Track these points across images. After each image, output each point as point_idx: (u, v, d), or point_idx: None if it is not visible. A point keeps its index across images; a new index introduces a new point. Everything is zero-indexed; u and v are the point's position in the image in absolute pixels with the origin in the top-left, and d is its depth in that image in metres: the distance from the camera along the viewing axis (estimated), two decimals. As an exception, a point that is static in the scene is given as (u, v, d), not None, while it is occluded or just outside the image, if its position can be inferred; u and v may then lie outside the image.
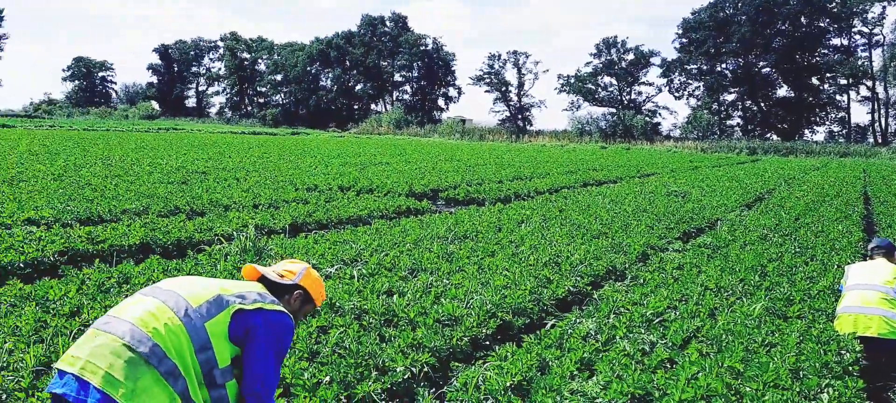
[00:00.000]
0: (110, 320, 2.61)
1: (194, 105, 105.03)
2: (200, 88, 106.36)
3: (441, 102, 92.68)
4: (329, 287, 6.43)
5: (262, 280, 3.14)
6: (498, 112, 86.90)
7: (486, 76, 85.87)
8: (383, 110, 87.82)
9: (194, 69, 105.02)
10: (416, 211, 13.47)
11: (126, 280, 6.52)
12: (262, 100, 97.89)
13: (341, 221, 11.46)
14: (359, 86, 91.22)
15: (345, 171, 20.26)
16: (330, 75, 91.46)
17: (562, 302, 6.88)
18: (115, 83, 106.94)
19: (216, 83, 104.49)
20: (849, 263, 8.53)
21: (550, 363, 4.69)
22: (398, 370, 4.47)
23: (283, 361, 2.98)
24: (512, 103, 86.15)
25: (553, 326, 5.79)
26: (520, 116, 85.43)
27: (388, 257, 8.03)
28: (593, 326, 5.66)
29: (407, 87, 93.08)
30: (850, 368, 4.89)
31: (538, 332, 5.35)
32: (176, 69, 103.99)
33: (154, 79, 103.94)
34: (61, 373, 2.51)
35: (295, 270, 3.17)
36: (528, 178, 21.33)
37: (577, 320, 5.92)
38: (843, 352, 5.10)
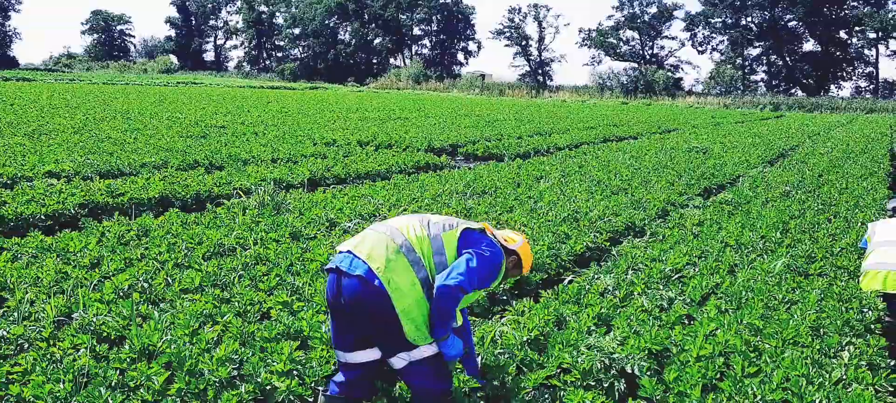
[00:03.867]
0: (378, 225, 3.47)
1: (212, 59, 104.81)
2: (218, 42, 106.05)
3: (460, 57, 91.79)
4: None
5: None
6: (518, 67, 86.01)
7: (506, 30, 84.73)
8: (402, 65, 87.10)
9: (212, 22, 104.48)
10: (434, 166, 13.43)
11: (145, 232, 6.57)
12: (280, 54, 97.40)
13: (360, 176, 11.46)
14: (377, 40, 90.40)
15: (363, 126, 20.21)
16: (348, 29, 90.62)
17: (580, 257, 6.84)
18: (134, 37, 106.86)
19: (234, 37, 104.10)
20: (873, 220, 8.40)
21: (568, 318, 4.67)
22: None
23: (480, 285, 3.39)
24: (532, 58, 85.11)
25: (571, 282, 5.76)
26: (540, 71, 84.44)
27: (407, 211, 8.02)
28: (611, 282, 5.62)
29: (426, 41, 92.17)
30: (872, 326, 4.83)
31: (556, 287, 5.33)
32: (193, 22, 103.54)
33: (172, 33, 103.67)
34: (339, 253, 3.35)
35: (516, 239, 3.72)
36: (547, 134, 21.14)
37: (596, 276, 5.88)
38: (865, 310, 5.03)
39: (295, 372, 3.71)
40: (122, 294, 4.75)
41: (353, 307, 3.20)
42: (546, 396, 3.66)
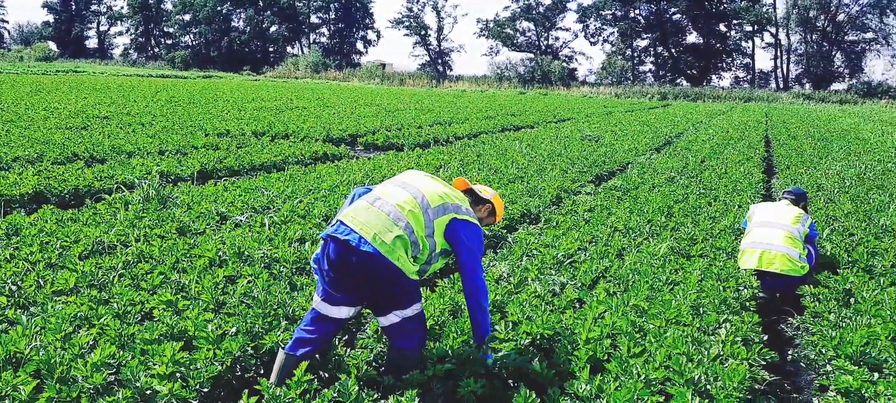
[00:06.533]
0: (377, 200, 3.71)
1: (96, 46, 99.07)
2: (101, 28, 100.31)
3: (360, 46, 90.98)
4: (238, 236, 6.23)
5: (468, 190, 4.20)
6: (418, 56, 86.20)
7: (405, 19, 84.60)
8: (300, 53, 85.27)
9: (94, 7, 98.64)
10: (333, 156, 13.23)
11: (16, 231, 6.11)
12: (170, 42, 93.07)
13: (254, 168, 11.12)
14: (274, 28, 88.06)
15: (259, 116, 19.64)
16: (242, 16, 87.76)
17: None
18: (7, 22, 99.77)
19: (119, 22, 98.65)
20: (752, 202, 8.94)
21: (463, 307, 4.70)
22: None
23: (481, 257, 3.93)
24: (431, 47, 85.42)
25: (467, 270, 5.79)
26: (440, 61, 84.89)
27: (302, 204, 7.84)
28: (506, 269, 5.71)
29: (324, 30, 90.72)
30: (747, 304, 5.13)
31: (451, 276, 5.35)
32: (73, 7, 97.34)
33: (50, 18, 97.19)
34: (342, 224, 3.62)
35: (489, 191, 4.26)
36: (447, 123, 21.28)
37: (491, 263, 5.96)
38: (741, 289, 5.34)
39: (178, 375, 3.54)
40: (-14, 299, 4.38)
41: (362, 275, 3.56)
42: (439, 386, 3.66)
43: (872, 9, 67.36)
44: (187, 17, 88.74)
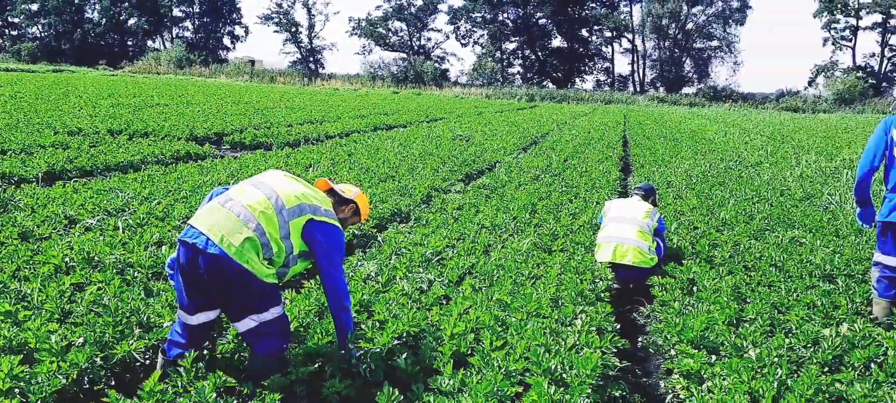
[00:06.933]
0: (229, 201, 3.61)
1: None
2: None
3: (227, 41, 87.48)
4: (88, 241, 5.85)
5: (330, 191, 4.14)
6: (289, 53, 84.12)
7: (274, 15, 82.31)
8: (162, 48, 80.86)
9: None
10: (197, 155, 12.70)
11: None
12: (15, 33, 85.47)
13: (109, 168, 10.46)
14: (132, 21, 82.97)
15: (116, 113, 18.48)
16: (97, 6, 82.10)
17: (347, 245, 6.85)
18: None
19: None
20: (609, 198, 9.46)
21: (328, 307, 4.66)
22: (166, 325, 4.19)
23: (341, 262, 3.91)
24: (303, 45, 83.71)
25: (335, 270, 5.76)
26: (312, 59, 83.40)
27: (160, 206, 7.47)
28: (374, 268, 5.72)
29: (188, 24, 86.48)
30: (603, 295, 5.43)
31: (317, 278, 5.28)
32: None
33: None
34: (191, 227, 3.53)
35: (353, 190, 4.24)
36: (319, 122, 20.98)
37: (359, 263, 5.95)
38: (597, 281, 5.64)
39: (17, 390, 3.28)
40: None
41: (211, 279, 3.48)
42: (303, 388, 3.62)
43: (717, 19, 73.07)
44: (35, 7, 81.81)
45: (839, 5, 66.56)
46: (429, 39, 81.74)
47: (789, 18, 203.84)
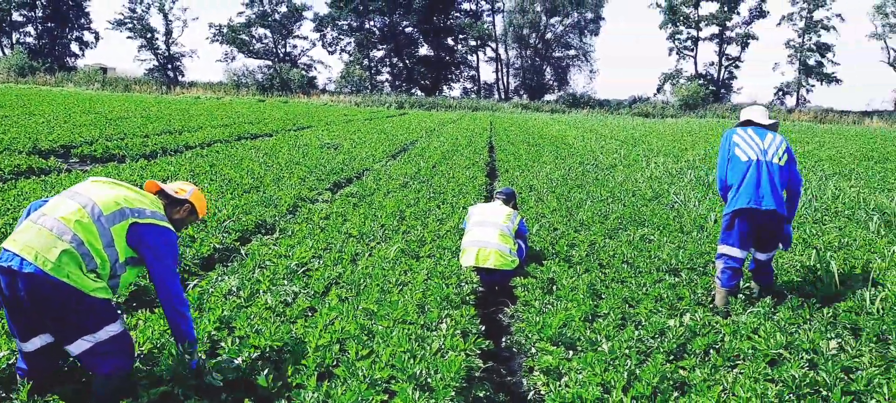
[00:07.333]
0: (41, 216, 3.44)
1: None
2: None
3: (75, 48, 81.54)
4: None
5: (160, 192, 3.97)
6: (145, 61, 79.46)
7: (127, 20, 77.63)
8: (1, 54, 74.24)
9: None
10: (40, 170, 11.75)
11: None
12: None
13: (-67, 186, 9.46)
14: (-38, 24, 75.59)
15: (-59, 126, 16.75)
16: (-81, 8, 74.13)
17: (207, 260, 6.61)
18: None
19: None
20: (474, 204, 9.67)
21: (188, 326, 4.45)
22: (2, 355, 3.84)
23: (176, 265, 3.74)
24: (160, 52, 79.46)
25: (194, 287, 5.53)
26: (170, 66, 79.38)
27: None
28: (236, 282, 5.53)
29: (30, 29, 79.89)
30: (468, 298, 5.54)
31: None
32: None
33: None
34: (5, 251, 3.35)
35: (187, 189, 4.06)
36: (178, 132, 20.01)
37: (220, 277, 5.74)
38: (462, 285, 5.75)
39: None
40: None
41: (32, 301, 3.31)
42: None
43: (573, 29, 76.84)
44: None
45: (682, 17, 72.10)
46: (295, 46, 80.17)
47: (639, 29, 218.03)
